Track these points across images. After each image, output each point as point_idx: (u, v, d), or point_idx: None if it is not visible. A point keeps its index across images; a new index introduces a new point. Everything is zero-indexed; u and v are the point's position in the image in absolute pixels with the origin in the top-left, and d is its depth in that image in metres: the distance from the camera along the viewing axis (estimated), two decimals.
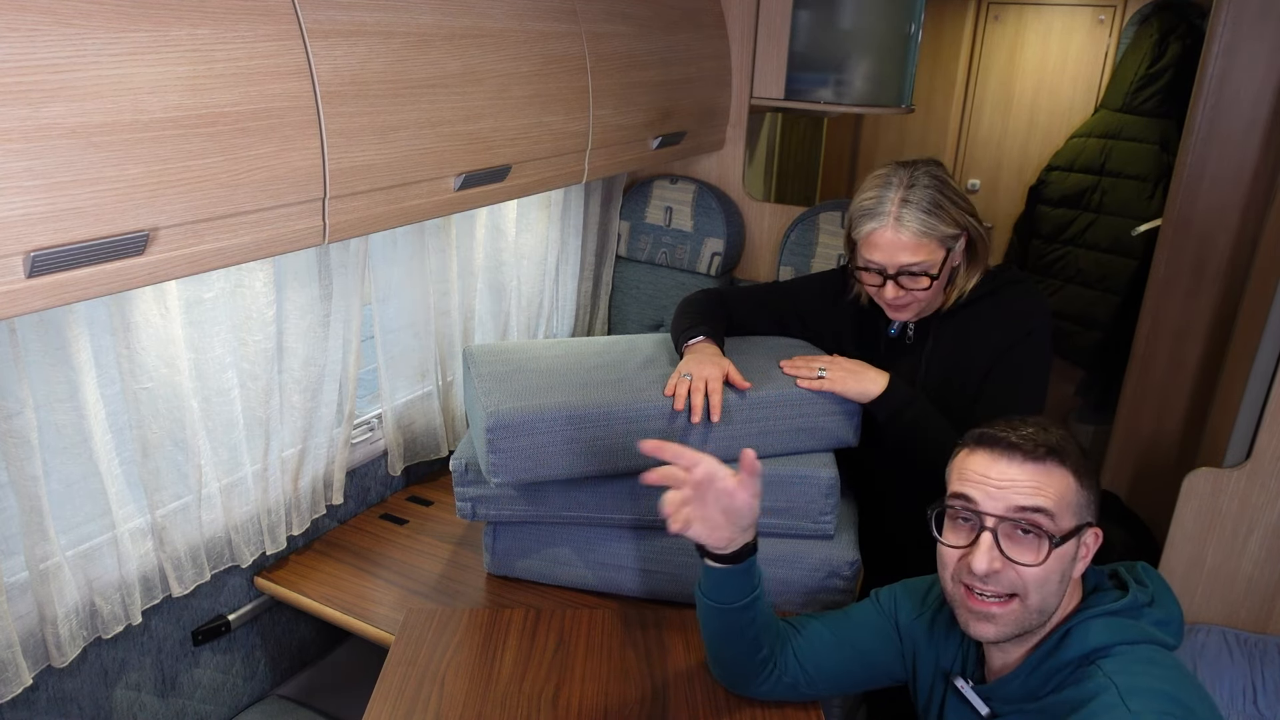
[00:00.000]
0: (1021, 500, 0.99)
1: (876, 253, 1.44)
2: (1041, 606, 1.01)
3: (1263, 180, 2.34)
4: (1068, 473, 1.00)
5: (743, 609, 1.20)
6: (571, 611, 1.51)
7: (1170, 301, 2.56)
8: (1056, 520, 0.99)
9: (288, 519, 1.71)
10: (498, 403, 1.42)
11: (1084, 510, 1.02)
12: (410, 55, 1.34)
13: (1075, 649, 1.00)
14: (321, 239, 1.28)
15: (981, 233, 1.49)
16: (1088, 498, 1.02)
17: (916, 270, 1.43)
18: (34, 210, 0.93)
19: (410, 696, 1.31)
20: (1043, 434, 1.02)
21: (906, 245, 1.41)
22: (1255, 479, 1.94)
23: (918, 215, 1.40)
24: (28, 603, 1.33)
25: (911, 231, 1.40)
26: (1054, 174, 3.34)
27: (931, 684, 1.21)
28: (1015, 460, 1.00)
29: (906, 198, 1.41)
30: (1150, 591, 1.05)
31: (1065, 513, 0.99)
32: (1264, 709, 1.84)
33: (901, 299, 1.47)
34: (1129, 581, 1.07)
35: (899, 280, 1.44)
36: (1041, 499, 0.98)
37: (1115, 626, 1.01)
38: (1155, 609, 1.04)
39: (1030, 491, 0.99)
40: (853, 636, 1.26)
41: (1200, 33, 2.88)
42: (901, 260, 1.42)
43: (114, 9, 0.97)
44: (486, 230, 2.07)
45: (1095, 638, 1.00)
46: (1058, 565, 1.00)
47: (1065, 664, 1.01)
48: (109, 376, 1.37)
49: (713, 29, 2.28)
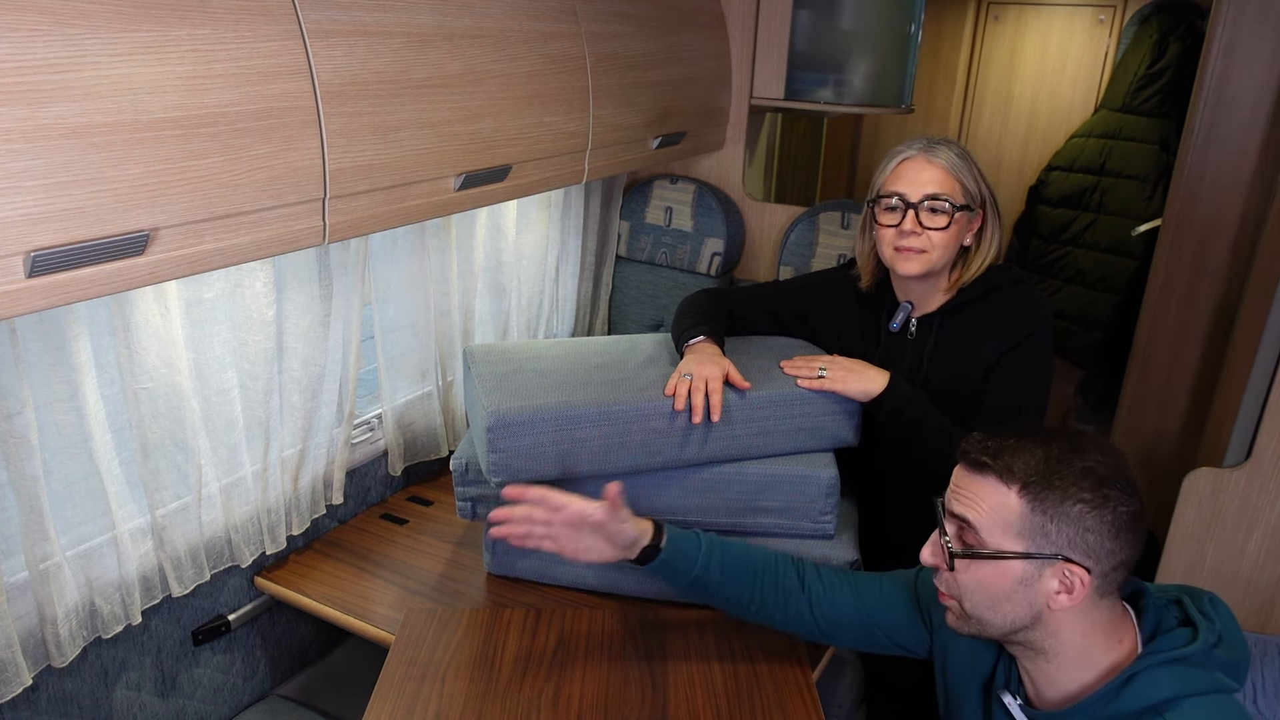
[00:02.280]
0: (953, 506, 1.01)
1: (901, 182, 1.47)
2: (978, 613, 1.00)
3: (1263, 180, 2.34)
4: (1010, 492, 0.95)
5: (694, 582, 1.32)
6: (571, 611, 1.51)
7: (1170, 301, 2.56)
8: (980, 534, 0.96)
9: (288, 519, 1.71)
10: (498, 402, 1.42)
11: (1037, 537, 0.95)
12: (410, 55, 1.34)
13: (1140, 699, 0.93)
14: (321, 239, 1.28)
15: (996, 211, 1.52)
16: (1043, 526, 0.94)
17: (940, 202, 1.44)
18: (34, 210, 0.93)
19: (410, 696, 1.31)
20: (1012, 453, 0.96)
21: (935, 173, 1.46)
22: (1255, 479, 1.94)
23: (949, 153, 1.48)
24: (28, 603, 1.33)
25: (943, 160, 1.46)
26: (1054, 174, 3.34)
27: (965, 692, 1.17)
28: (967, 468, 1.00)
29: (936, 142, 1.49)
30: (1218, 628, 0.97)
31: (994, 528, 0.96)
32: (1264, 709, 1.84)
33: (915, 239, 1.46)
34: (1195, 616, 0.98)
35: (919, 213, 1.45)
36: (971, 511, 0.98)
37: (1184, 676, 0.93)
38: (1222, 650, 0.96)
39: (959, 501, 1.01)
40: (876, 610, 1.28)
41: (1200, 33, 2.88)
42: (927, 188, 1.45)
43: (114, 9, 0.97)
44: (486, 230, 2.07)
45: (1163, 689, 0.93)
46: (998, 578, 0.97)
47: (1127, 714, 0.94)
48: (109, 376, 1.37)
49: (713, 29, 2.28)
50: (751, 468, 1.50)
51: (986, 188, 1.51)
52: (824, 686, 1.77)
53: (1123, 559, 0.95)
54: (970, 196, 1.48)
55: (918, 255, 1.47)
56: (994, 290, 1.52)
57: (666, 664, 1.39)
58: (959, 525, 0.99)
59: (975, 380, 1.52)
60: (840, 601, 1.30)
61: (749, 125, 2.43)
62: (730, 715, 1.30)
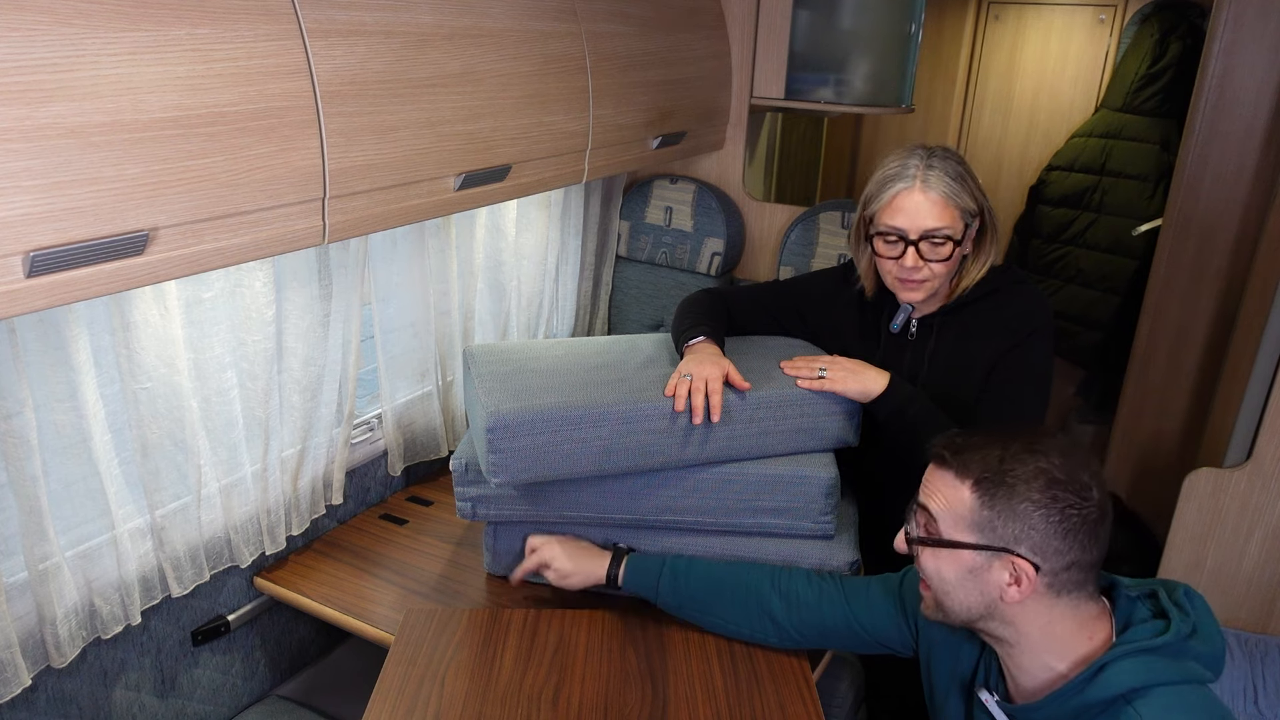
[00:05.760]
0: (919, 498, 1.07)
1: (900, 216, 1.44)
2: (941, 601, 1.06)
3: (1263, 180, 2.34)
4: (963, 486, 1.01)
5: (662, 601, 1.44)
6: (571, 611, 1.51)
7: (1170, 301, 2.56)
8: (939, 524, 1.03)
9: (287, 519, 1.71)
10: (498, 403, 1.42)
11: (986, 530, 0.99)
12: (410, 55, 1.34)
13: (1109, 688, 0.95)
14: (321, 239, 1.28)
15: (994, 220, 1.51)
16: (991, 521, 0.99)
17: (940, 235, 1.43)
18: (34, 210, 0.93)
19: (410, 696, 1.31)
20: (971, 451, 1.02)
21: (933, 207, 1.42)
22: (1256, 479, 1.94)
23: (944, 179, 1.43)
24: (27, 603, 1.33)
25: (938, 193, 1.42)
26: (1054, 174, 3.34)
27: (947, 691, 1.19)
28: (933, 463, 1.06)
29: (931, 164, 1.44)
30: (1192, 620, 0.99)
31: (949, 519, 1.02)
32: (1264, 709, 1.84)
33: (918, 272, 1.45)
34: (1169, 608, 1.00)
35: (920, 247, 1.44)
36: (928, 499, 1.05)
37: (1153, 666, 0.95)
38: (1197, 641, 0.97)
39: (924, 493, 1.06)
40: (863, 612, 1.33)
41: (1200, 33, 2.88)
42: (926, 224, 1.43)
43: (114, 9, 0.97)
44: (486, 230, 2.07)
45: (1131, 678, 0.94)
46: (937, 565, 1.04)
47: (1097, 703, 0.96)
48: (109, 376, 1.37)
49: (713, 29, 2.28)
50: (751, 468, 1.50)
51: (983, 197, 1.49)
52: (824, 686, 1.77)
53: (1075, 559, 0.98)
54: (969, 215, 1.46)
55: (920, 285, 1.48)
56: (994, 291, 1.52)
57: (666, 664, 1.39)
58: (926, 515, 1.06)
59: (975, 381, 1.51)
60: (829, 606, 1.35)
61: (749, 125, 2.43)
62: (730, 715, 1.29)
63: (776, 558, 1.52)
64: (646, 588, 1.44)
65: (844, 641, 1.36)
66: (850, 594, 1.35)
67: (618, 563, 1.46)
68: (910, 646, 1.30)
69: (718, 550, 1.54)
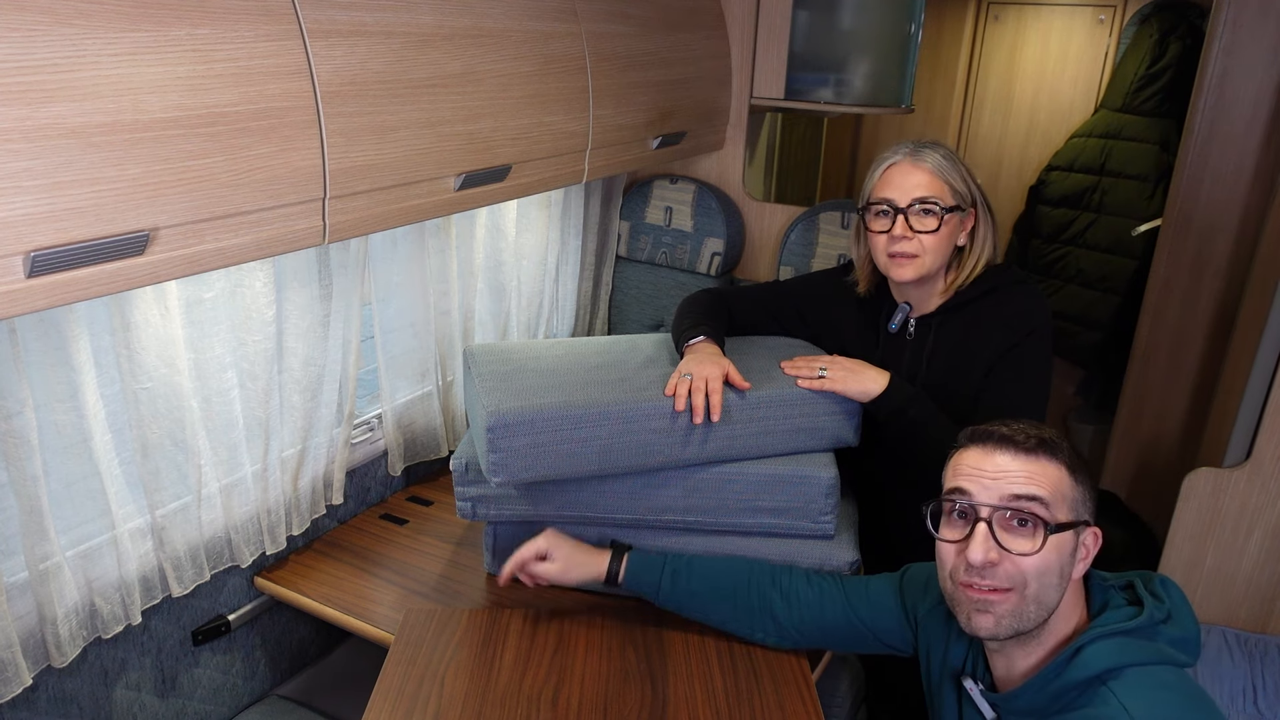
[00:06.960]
0: (1015, 489, 0.99)
1: (890, 188, 1.47)
2: (1039, 598, 0.99)
3: (1263, 180, 2.34)
4: (1060, 466, 1.01)
5: (662, 600, 1.44)
6: (571, 611, 1.51)
7: (1170, 301, 2.56)
8: (1051, 509, 0.99)
9: (288, 519, 1.71)
10: (498, 402, 1.42)
11: (1079, 507, 1.02)
12: (410, 55, 1.34)
13: (1085, 669, 0.97)
14: (321, 239, 1.28)
15: (990, 213, 1.52)
16: (1083, 494, 1.02)
17: (928, 204, 1.44)
18: (34, 210, 0.93)
19: (410, 696, 1.31)
20: (1034, 429, 1.03)
21: (922, 176, 1.46)
22: (1255, 479, 1.94)
23: (935, 156, 1.47)
24: (27, 603, 1.33)
25: (929, 163, 1.46)
26: (1054, 174, 3.34)
27: (940, 681, 1.21)
28: (1008, 452, 1.01)
29: (923, 145, 1.49)
30: (1167, 607, 1.02)
31: (1060, 504, 1.00)
32: (1264, 709, 1.84)
33: (907, 244, 1.46)
34: (1144, 595, 1.03)
35: (909, 217, 1.45)
36: (1035, 487, 0.99)
37: (1127, 647, 0.98)
38: (1171, 626, 1.00)
39: (1024, 480, 1.00)
40: (864, 612, 1.33)
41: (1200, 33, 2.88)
42: (915, 193, 1.45)
43: (114, 9, 0.97)
44: (486, 230, 2.07)
45: (1106, 659, 0.97)
46: (1055, 557, 0.99)
47: (1074, 684, 0.98)
48: (109, 376, 1.37)
49: (713, 29, 2.28)
50: (751, 468, 1.50)
51: (976, 187, 1.51)
52: (824, 686, 1.77)
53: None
54: (960, 197, 1.47)
55: (910, 260, 1.47)
56: (993, 290, 1.52)
57: (666, 664, 1.39)
58: (1040, 505, 0.99)
59: (975, 380, 1.51)
60: (830, 605, 1.35)
61: (749, 125, 2.43)
62: (730, 715, 1.30)
63: (776, 557, 1.52)
64: (648, 585, 1.44)
65: (845, 640, 1.36)
66: (851, 592, 1.35)
67: (618, 559, 1.45)
68: (910, 644, 1.30)
69: (718, 550, 1.54)
